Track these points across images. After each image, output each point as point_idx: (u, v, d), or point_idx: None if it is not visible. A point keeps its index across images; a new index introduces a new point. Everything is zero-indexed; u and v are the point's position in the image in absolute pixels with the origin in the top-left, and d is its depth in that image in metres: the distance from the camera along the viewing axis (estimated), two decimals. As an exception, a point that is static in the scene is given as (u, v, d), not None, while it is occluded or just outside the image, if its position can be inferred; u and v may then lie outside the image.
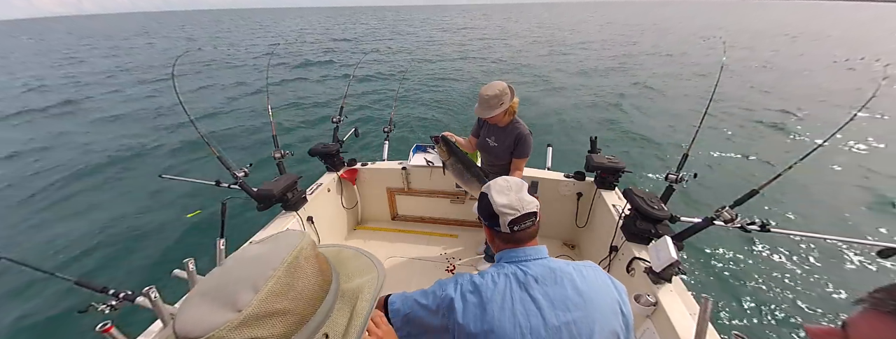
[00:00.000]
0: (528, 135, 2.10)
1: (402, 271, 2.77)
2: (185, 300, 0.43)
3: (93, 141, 7.65)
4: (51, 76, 15.39)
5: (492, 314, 0.81)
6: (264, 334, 0.41)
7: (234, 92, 11.49)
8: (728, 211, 1.68)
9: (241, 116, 8.88)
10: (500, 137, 2.16)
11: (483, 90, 1.95)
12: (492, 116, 1.98)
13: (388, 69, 14.25)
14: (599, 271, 0.95)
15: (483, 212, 0.98)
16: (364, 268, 0.62)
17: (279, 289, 0.43)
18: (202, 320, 0.40)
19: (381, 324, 0.71)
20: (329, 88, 11.72)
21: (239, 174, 2.14)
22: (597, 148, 2.64)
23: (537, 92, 10.37)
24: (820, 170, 5.48)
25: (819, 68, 11.76)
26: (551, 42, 22.13)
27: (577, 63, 15.03)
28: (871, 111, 7.38)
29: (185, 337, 0.39)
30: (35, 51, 26.87)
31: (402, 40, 23.84)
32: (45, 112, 9.95)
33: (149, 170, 6.11)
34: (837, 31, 21.86)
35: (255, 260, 0.46)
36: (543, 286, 0.86)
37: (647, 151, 6.41)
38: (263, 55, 19.30)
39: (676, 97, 9.52)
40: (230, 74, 14.58)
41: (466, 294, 0.86)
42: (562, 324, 0.81)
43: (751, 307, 3.26)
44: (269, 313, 0.42)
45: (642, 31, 29.35)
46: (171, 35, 37.39)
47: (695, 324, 1.30)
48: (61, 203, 5.28)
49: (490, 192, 0.95)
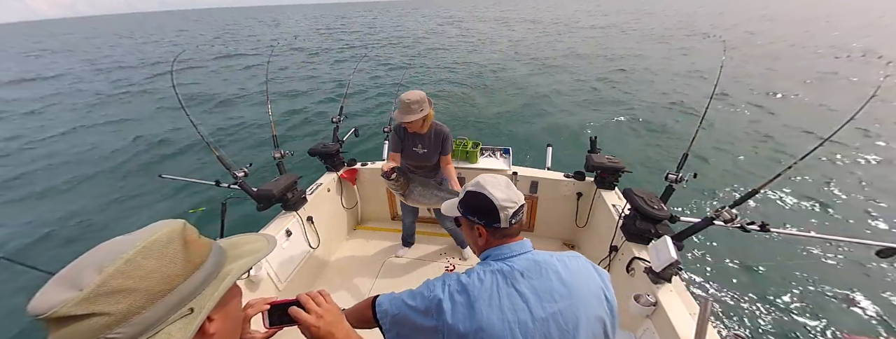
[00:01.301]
0: (449, 132, 2.30)
1: (402, 271, 2.77)
2: (46, 283, 0.47)
3: (93, 140, 7.65)
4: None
5: (480, 312, 0.82)
6: (107, 309, 0.46)
7: (235, 92, 11.48)
8: (728, 211, 1.68)
9: (241, 116, 8.88)
10: (426, 143, 2.28)
11: (405, 96, 2.03)
12: (411, 122, 2.07)
13: (387, 69, 14.25)
14: (582, 260, 0.97)
15: (477, 211, 0.96)
16: (257, 248, 0.66)
17: (125, 269, 0.47)
18: (49, 299, 0.44)
19: (323, 303, 0.74)
20: (330, 88, 11.72)
21: (239, 174, 2.15)
22: (597, 148, 2.64)
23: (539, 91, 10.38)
24: (820, 170, 5.49)
25: (821, 64, 11.76)
26: (554, 29, 22.16)
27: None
28: (871, 111, 7.37)
29: (31, 313, 0.44)
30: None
31: (401, 40, 23.84)
32: (42, 109, 9.94)
33: (149, 170, 6.11)
34: (841, 22, 21.90)
35: (112, 245, 0.50)
36: (529, 280, 0.87)
37: (648, 151, 6.41)
38: (263, 54, 19.28)
39: (676, 97, 9.53)
40: (229, 73, 14.58)
41: (454, 294, 0.86)
42: (548, 315, 0.83)
43: (751, 307, 3.26)
44: (109, 291, 0.46)
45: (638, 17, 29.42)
46: (167, 35, 37.37)
47: (695, 324, 1.30)
48: (62, 203, 5.28)
49: (485, 189, 0.94)
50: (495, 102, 9.36)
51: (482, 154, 3.01)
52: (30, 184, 5.87)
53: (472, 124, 7.88)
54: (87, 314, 0.45)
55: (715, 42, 17.76)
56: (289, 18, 35.12)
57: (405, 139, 2.29)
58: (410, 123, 2.08)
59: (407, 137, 2.28)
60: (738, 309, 3.25)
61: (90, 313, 0.45)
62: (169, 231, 0.54)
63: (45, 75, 16.10)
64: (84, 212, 5.00)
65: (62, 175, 6.09)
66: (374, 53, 16.26)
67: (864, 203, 4.74)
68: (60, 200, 5.39)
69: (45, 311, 0.44)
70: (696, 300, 1.69)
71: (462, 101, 9.61)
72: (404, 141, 2.29)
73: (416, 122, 2.09)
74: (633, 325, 1.79)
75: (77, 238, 4.46)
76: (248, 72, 14.83)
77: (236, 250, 0.66)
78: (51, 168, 6.41)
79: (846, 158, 5.85)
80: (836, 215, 4.54)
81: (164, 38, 32.62)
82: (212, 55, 19.25)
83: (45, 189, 5.68)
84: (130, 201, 5.27)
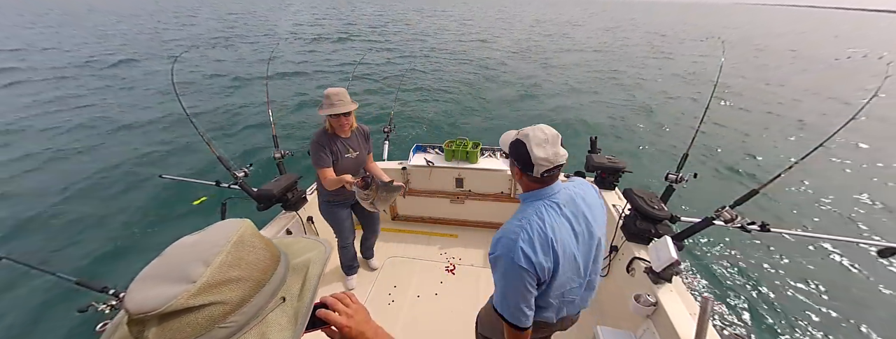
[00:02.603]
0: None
1: (403, 271, 2.77)
2: (131, 285, 0.46)
3: (92, 140, 7.64)
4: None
5: (555, 243, 1.06)
6: (223, 298, 0.46)
7: (235, 91, 11.48)
8: (728, 211, 1.68)
9: (242, 116, 8.87)
10: (356, 145, 2.11)
11: (331, 91, 1.90)
12: (349, 113, 1.92)
13: (387, 69, 14.25)
14: (591, 189, 1.27)
15: (519, 158, 1.09)
16: (309, 247, 0.71)
17: (231, 260, 0.48)
18: (158, 295, 0.43)
19: (351, 304, 0.77)
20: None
21: (239, 174, 2.15)
22: (597, 148, 2.64)
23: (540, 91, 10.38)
24: (820, 170, 5.49)
25: (821, 67, 11.77)
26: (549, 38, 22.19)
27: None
28: (871, 111, 7.38)
29: (140, 312, 0.42)
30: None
31: (401, 39, 23.84)
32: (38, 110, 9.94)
33: (148, 170, 6.11)
34: (839, 30, 21.92)
35: (197, 244, 0.51)
36: (568, 208, 1.14)
37: (648, 151, 6.41)
38: (264, 54, 19.28)
39: (677, 97, 9.54)
40: (229, 72, 14.56)
41: (535, 246, 1.04)
42: (583, 229, 1.16)
43: (751, 307, 3.26)
44: (224, 280, 0.47)
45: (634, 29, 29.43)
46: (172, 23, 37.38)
47: (695, 324, 1.30)
48: (61, 202, 5.27)
49: (529, 144, 1.05)
50: (495, 102, 9.36)
51: (482, 154, 3.01)
52: (30, 185, 5.87)
53: (472, 125, 7.88)
54: (204, 305, 0.45)
55: (715, 42, 17.76)
56: (284, 21, 34.94)
57: (334, 149, 2.00)
58: (348, 114, 1.92)
59: (334, 146, 2.00)
60: (738, 309, 3.25)
61: (208, 302, 0.45)
62: (249, 226, 0.56)
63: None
64: (84, 211, 5.00)
65: (62, 175, 6.08)
66: (371, 58, 16.29)
67: (864, 203, 4.74)
68: (60, 199, 5.38)
69: (159, 306, 0.42)
70: (696, 299, 1.69)
71: (462, 101, 9.61)
72: (332, 153, 2.00)
73: (349, 119, 1.95)
74: (634, 325, 1.79)
75: (77, 238, 4.46)
76: (248, 71, 14.82)
77: (288, 249, 0.68)
78: (51, 168, 6.40)
79: (847, 158, 5.85)
80: (836, 215, 4.54)
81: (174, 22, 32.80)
82: (210, 54, 19.26)
83: (44, 189, 5.67)
84: (130, 200, 5.27)
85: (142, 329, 0.44)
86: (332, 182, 1.95)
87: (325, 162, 1.97)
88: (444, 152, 2.97)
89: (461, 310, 2.39)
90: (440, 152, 3.07)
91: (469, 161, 2.93)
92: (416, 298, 2.50)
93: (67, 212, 5.03)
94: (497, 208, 3.07)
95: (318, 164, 1.97)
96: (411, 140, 5.93)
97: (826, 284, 3.50)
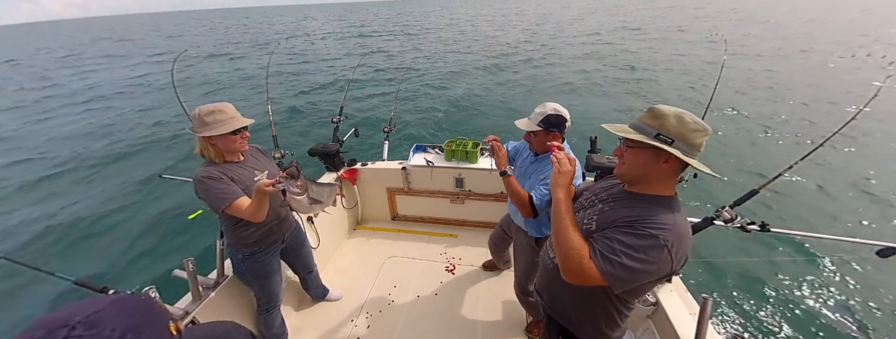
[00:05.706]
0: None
1: (403, 271, 2.76)
2: None
3: (91, 141, 7.65)
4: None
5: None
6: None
7: (235, 91, 11.49)
8: (728, 211, 1.67)
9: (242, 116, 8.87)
10: (257, 163, 1.74)
11: (213, 107, 1.51)
12: (246, 127, 1.58)
13: (388, 69, 14.25)
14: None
15: (554, 124, 1.63)
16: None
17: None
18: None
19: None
20: (330, 87, 11.72)
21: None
22: (597, 148, 2.63)
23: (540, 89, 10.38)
24: (820, 170, 5.48)
25: (822, 65, 11.76)
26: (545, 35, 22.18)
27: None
28: (871, 111, 7.36)
29: None
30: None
31: (401, 38, 23.84)
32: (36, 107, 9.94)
33: (148, 170, 6.11)
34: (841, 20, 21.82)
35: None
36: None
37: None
38: (264, 54, 19.29)
39: (677, 97, 9.53)
40: (231, 71, 14.58)
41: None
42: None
43: (751, 307, 3.26)
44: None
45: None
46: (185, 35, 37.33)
47: (695, 324, 1.30)
48: (60, 202, 5.28)
49: (561, 112, 1.63)
50: (495, 102, 9.36)
51: (482, 154, 3.01)
52: (28, 183, 5.88)
53: (472, 125, 7.88)
54: None
55: (716, 42, 17.74)
56: (283, 19, 35.02)
57: (236, 178, 1.57)
58: (246, 128, 1.58)
59: (233, 173, 1.57)
60: (738, 309, 3.25)
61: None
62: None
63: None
64: (83, 211, 5.00)
65: (61, 174, 6.09)
66: (371, 61, 16.30)
67: (864, 203, 4.74)
68: (59, 199, 5.38)
69: None
70: (696, 299, 1.69)
71: (461, 101, 9.61)
72: (238, 181, 1.57)
73: (244, 135, 1.59)
74: (634, 325, 1.79)
75: (77, 238, 4.46)
76: (249, 71, 14.83)
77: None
78: (50, 168, 6.41)
79: (847, 158, 5.84)
80: (836, 214, 4.53)
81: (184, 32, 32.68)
82: (209, 53, 19.25)
83: (43, 188, 5.68)
84: (130, 200, 5.27)
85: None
86: (255, 210, 1.48)
87: (231, 192, 1.50)
88: (444, 152, 2.97)
89: (461, 310, 2.39)
90: (440, 152, 3.07)
91: (469, 161, 2.93)
92: (416, 298, 2.50)
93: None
94: (497, 208, 3.07)
95: (225, 198, 1.48)
96: (411, 140, 5.94)
97: (826, 284, 3.49)
